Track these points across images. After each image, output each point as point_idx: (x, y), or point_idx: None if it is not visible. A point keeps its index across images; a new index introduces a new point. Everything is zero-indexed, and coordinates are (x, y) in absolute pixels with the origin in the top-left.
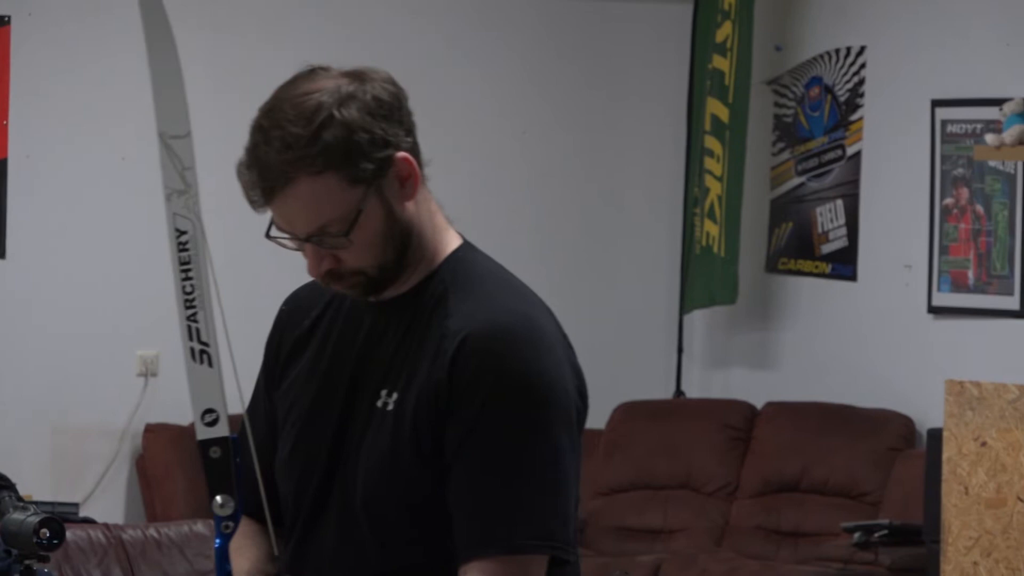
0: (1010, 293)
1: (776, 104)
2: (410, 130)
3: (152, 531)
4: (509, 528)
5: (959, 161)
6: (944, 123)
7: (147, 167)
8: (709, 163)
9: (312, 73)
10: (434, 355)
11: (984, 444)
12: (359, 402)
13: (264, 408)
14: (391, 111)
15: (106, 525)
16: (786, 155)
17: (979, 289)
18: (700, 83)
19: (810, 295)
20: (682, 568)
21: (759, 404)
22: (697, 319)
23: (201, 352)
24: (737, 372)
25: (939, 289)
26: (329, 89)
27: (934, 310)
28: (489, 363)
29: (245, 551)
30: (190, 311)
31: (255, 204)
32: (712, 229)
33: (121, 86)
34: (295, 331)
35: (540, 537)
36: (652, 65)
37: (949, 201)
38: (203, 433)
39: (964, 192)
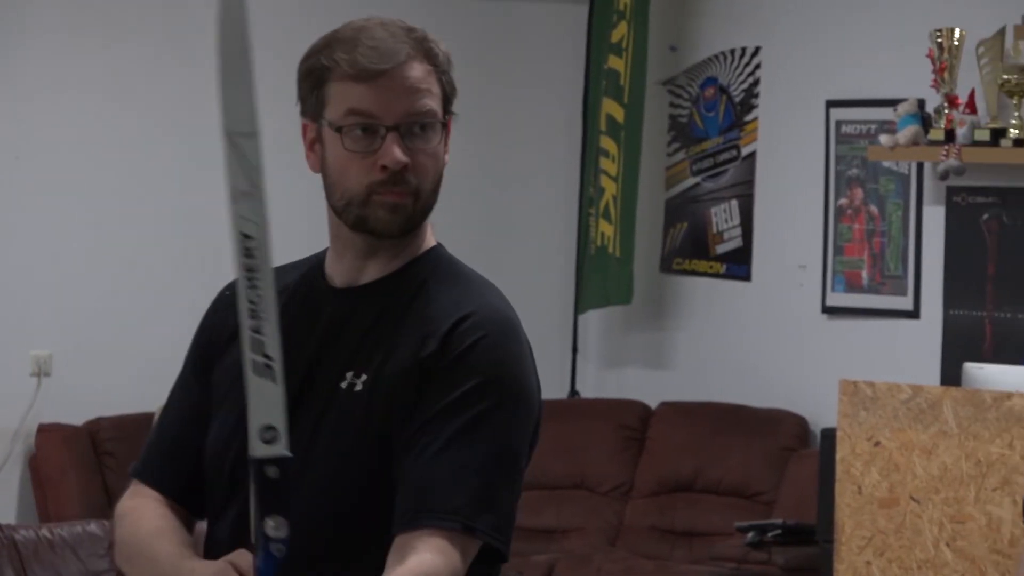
0: (903, 293)
1: (671, 104)
2: None
3: (45, 531)
4: (470, 507)
5: (853, 161)
6: (838, 123)
7: (41, 165)
8: (604, 163)
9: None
10: (419, 337)
11: (877, 444)
12: (318, 384)
13: (197, 389)
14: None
15: None
16: (681, 155)
17: (873, 289)
18: (595, 83)
19: (705, 295)
20: (576, 568)
21: (654, 404)
22: (592, 319)
23: (265, 365)
24: (632, 372)
25: (833, 289)
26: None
27: (828, 310)
28: (483, 347)
29: (168, 535)
30: (254, 322)
31: (358, 78)
32: (607, 229)
33: (19, 84)
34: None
35: (493, 527)
36: (547, 65)
37: (843, 201)
38: (260, 450)
39: (858, 192)
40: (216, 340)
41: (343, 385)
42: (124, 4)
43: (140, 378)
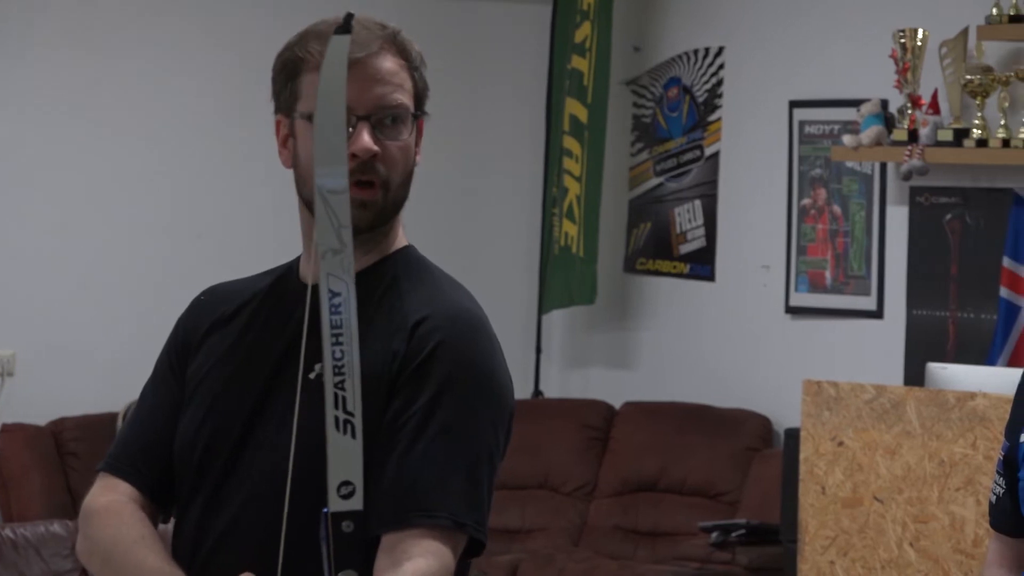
0: (867, 293)
1: (635, 104)
2: None
3: (8, 531)
4: (457, 503)
5: (816, 162)
6: (802, 124)
7: (5, 166)
8: (568, 163)
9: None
10: (387, 334)
11: (841, 444)
12: (287, 375)
13: (175, 389)
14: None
15: None
16: (644, 155)
17: (836, 289)
18: (559, 83)
19: (668, 295)
20: (540, 568)
21: (617, 404)
22: (555, 319)
23: (345, 422)
24: (595, 372)
25: (796, 289)
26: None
27: (792, 310)
28: (449, 345)
29: (152, 544)
30: (338, 378)
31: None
32: (571, 229)
33: None
34: (214, 315)
35: (477, 521)
36: (511, 65)
37: (807, 202)
38: (337, 505)
39: (822, 193)
40: (190, 342)
41: (311, 376)
42: (98, 12)
43: (104, 379)
